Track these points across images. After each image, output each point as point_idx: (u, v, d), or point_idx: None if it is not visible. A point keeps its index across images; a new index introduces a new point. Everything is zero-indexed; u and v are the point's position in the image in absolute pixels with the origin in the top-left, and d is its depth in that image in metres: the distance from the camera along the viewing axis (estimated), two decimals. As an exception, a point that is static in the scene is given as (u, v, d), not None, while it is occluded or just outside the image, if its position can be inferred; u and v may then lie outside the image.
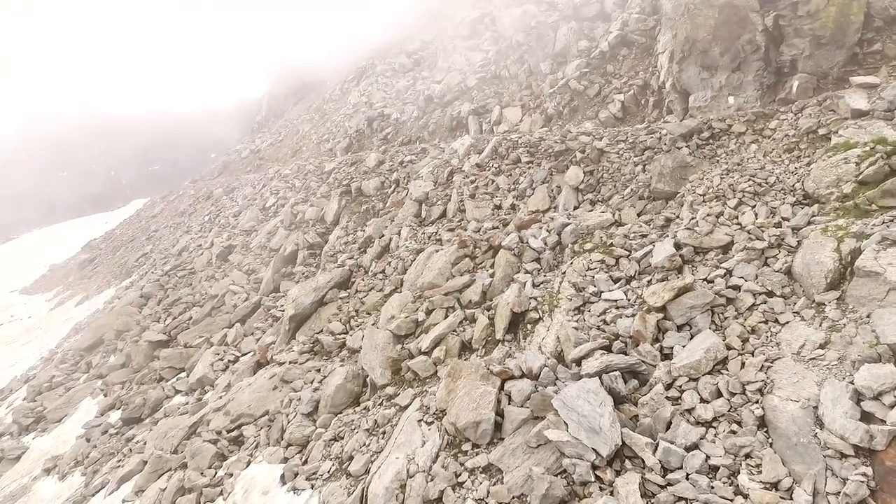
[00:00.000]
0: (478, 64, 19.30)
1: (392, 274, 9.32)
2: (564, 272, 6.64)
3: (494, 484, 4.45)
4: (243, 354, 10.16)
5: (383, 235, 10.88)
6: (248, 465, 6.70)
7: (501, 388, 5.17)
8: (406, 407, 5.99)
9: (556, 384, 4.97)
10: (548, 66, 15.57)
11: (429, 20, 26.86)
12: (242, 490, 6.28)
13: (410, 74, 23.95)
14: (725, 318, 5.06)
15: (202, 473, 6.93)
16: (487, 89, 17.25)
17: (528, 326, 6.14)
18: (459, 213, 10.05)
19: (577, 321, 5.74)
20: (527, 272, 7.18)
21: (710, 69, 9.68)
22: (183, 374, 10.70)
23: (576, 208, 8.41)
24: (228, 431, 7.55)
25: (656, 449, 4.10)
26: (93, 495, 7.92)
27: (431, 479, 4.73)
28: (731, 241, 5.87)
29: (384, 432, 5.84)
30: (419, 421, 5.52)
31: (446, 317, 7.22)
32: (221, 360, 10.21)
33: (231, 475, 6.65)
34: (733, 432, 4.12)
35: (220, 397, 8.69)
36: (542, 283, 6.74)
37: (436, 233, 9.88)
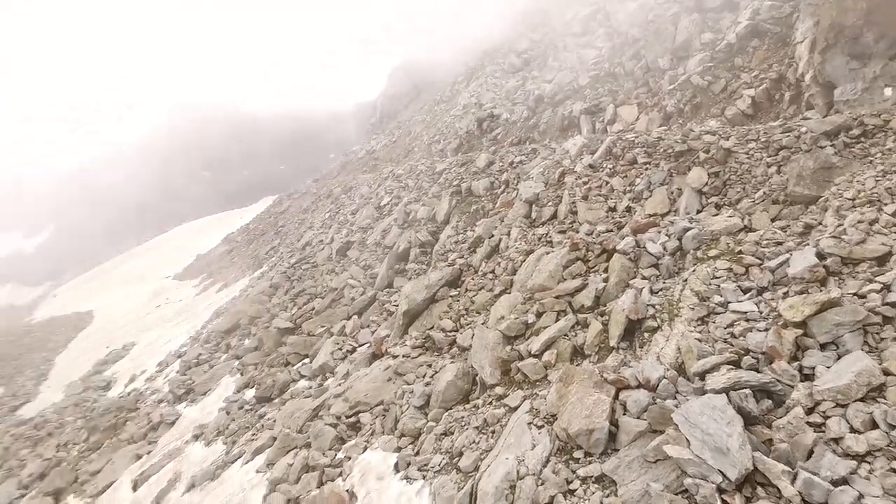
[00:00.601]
0: (590, 61, 18.79)
1: (501, 274, 9.42)
2: (686, 280, 6.34)
3: (608, 496, 4.39)
4: (360, 345, 10.81)
5: (493, 236, 11.01)
6: (364, 451, 7.15)
7: (616, 396, 5.07)
8: (516, 408, 6.07)
9: (675, 398, 4.78)
10: (667, 62, 14.81)
11: (539, 19, 26.55)
12: (359, 473, 6.71)
13: (520, 74, 23.85)
14: (882, 340, 4.52)
15: (324, 454, 7.50)
16: (600, 87, 16.76)
17: (645, 335, 5.95)
18: (571, 214, 9.91)
19: (700, 332, 5.47)
20: (644, 278, 6.94)
21: (862, 58, 8.69)
22: (307, 360, 11.59)
23: (699, 212, 7.97)
24: (347, 417, 8.08)
25: (795, 478, 3.80)
26: (232, 462, 8.88)
27: (542, 484, 4.77)
28: (888, 251, 5.26)
29: (493, 431, 5.96)
30: (529, 424, 5.57)
31: (557, 320, 7.19)
32: (340, 349, 10.94)
33: (349, 458, 7.13)
34: (893, 470, 3.62)
35: (340, 384, 9.32)
36: (660, 290, 6.48)
37: (546, 234, 9.82)
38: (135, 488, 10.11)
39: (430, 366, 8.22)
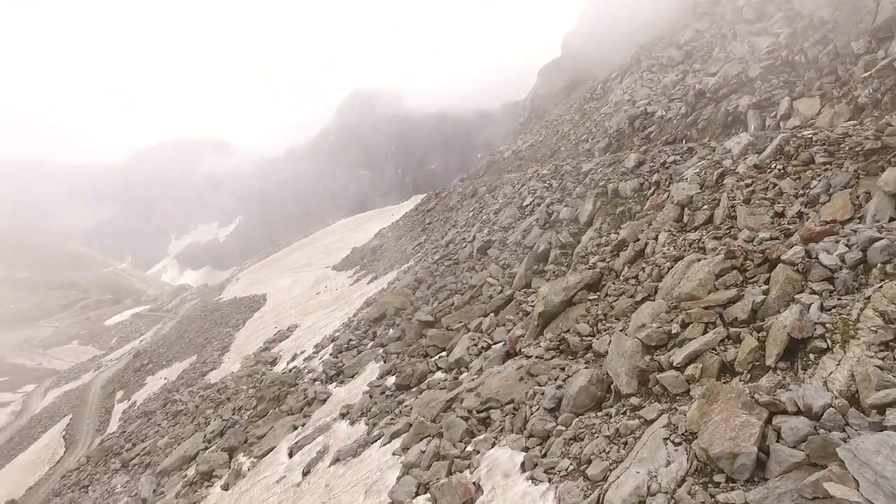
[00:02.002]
0: (764, 50, 16.91)
1: (645, 280, 8.90)
2: (868, 297, 5.45)
3: (750, 527, 3.97)
4: (495, 343, 10.95)
5: (638, 239, 10.44)
6: (492, 447, 7.24)
7: (768, 421, 4.55)
8: (651, 421, 5.72)
9: (844, 430, 4.16)
10: (862, 45, 12.79)
11: (705, 7, 24.48)
12: (487, 468, 6.82)
13: (679, 68, 22.23)
14: None
15: (454, 445, 7.73)
16: (774, 79, 15.00)
17: (811, 356, 5.25)
18: (729, 219, 9.04)
19: (882, 359, 4.68)
20: (813, 292, 6.11)
21: None
22: (444, 353, 12.02)
23: (891, 220, 6.80)
24: (478, 412, 8.24)
25: None
26: (372, 443, 9.54)
27: (675, 504, 4.46)
28: None
29: (625, 443, 5.68)
30: (665, 439, 5.22)
31: (705, 332, 6.62)
32: (476, 345, 11.18)
33: (478, 452, 7.27)
34: None
35: (473, 379, 9.52)
36: (833, 307, 5.66)
37: (699, 240, 9.08)
38: (290, 455, 11.33)
39: (563, 369, 8.06)
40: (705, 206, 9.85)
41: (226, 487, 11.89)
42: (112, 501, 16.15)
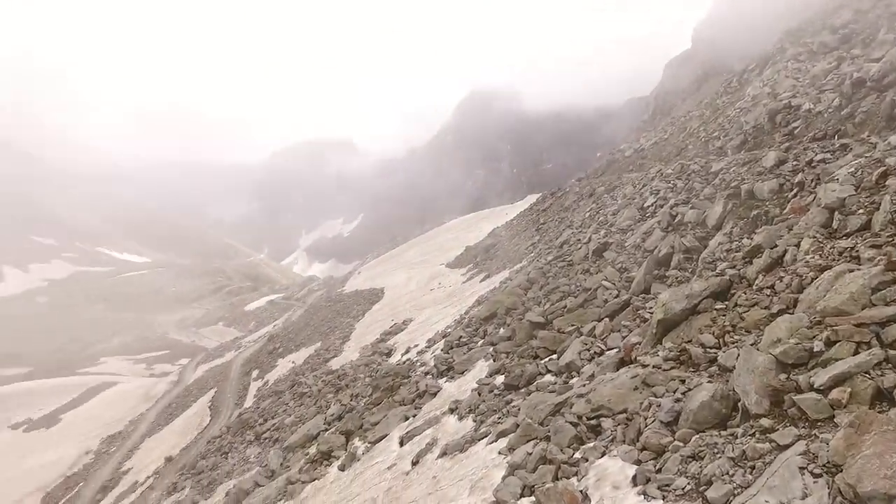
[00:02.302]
0: (947, 27, 14.50)
1: (783, 291, 8.07)
2: None
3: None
4: (609, 349, 10.54)
5: (776, 246, 9.48)
6: (602, 456, 6.99)
7: (933, 461, 3.93)
8: (785, 447, 5.18)
9: None
10: None
11: (871, -18, 21.54)
12: (595, 477, 6.60)
13: (833, 55, 19.77)
14: None
15: (562, 450, 7.57)
16: (960, 60, 12.83)
17: None
18: (891, 226, 7.90)
19: None
20: None
21: None
22: (554, 356, 11.81)
23: None
24: (588, 419, 8.00)
25: None
26: (479, 440, 9.64)
27: (810, 541, 4.00)
28: None
29: (753, 467, 5.20)
30: (801, 468, 4.71)
31: (856, 353, 5.86)
32: (588, 350, 10.84)
33: (586, 460, 7.06)
34: None
35: (584, 385, 9.25)
36: None
37: (852, 248, 8.05)
38: (401, 444, 11.79)
39: (682, 381, 7.56)
40: (861, 211, 8.70)
41: (342, 468, 12.66)
42: (246, 469, 17.88)
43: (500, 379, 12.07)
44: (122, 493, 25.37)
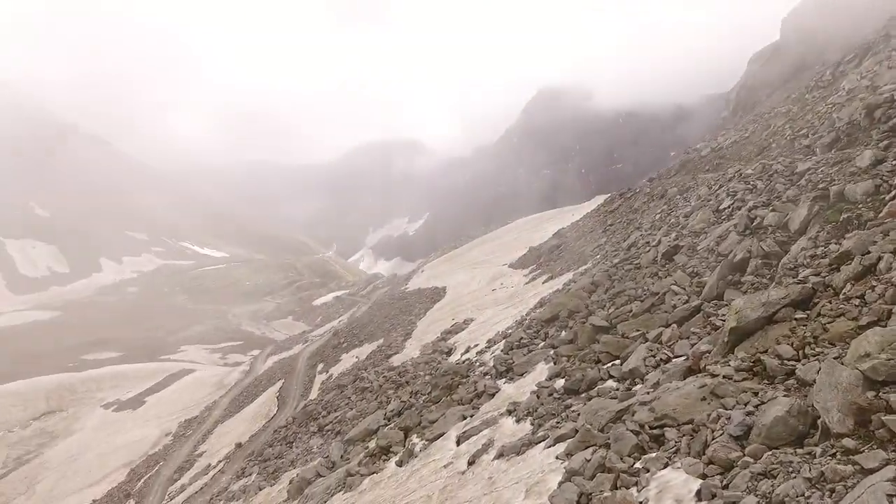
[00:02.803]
0: None
1: (875, 302, 7.40)
2: None
3: None
4: (675, 356, 10.07)
5: (868, 252, 8.69)
6: (665, 467, 6.67)
7: None
8: (871, 471, 4.72)
9: None
10: None
11: None
12: (656, 489, 6.31)
13: (945, 42, 17.92)
14: None
15: (622, 459, 7.30)
16: None
17: None
18: None
19: None
20: None
21: None
22: (617, 361, 11.41)
23: None
24: (651, 428, 7.67)
25: None
26: (536, 443, 9.47)
27: (898, 577, 3.62)
28: None
29: (832, 490, 4.78)
30: (890, 496, 4.28)
31: (959, 372, 5.27)
32: (653, 356, 10.39)
33: (647, 471, 6.76)
34: None
35: (648, 393, 8.89)
36: None
37: (958, 255, 7.26)
38: (458, 443, 11.78)
39: (755, 394, 7.09)
40: (971, 214, 7.83)
41: (400, 464, 12.82)
42: (309, 459, 18.49)
43: (560, 382, 11.81)
44: (196, 475, 26.94)
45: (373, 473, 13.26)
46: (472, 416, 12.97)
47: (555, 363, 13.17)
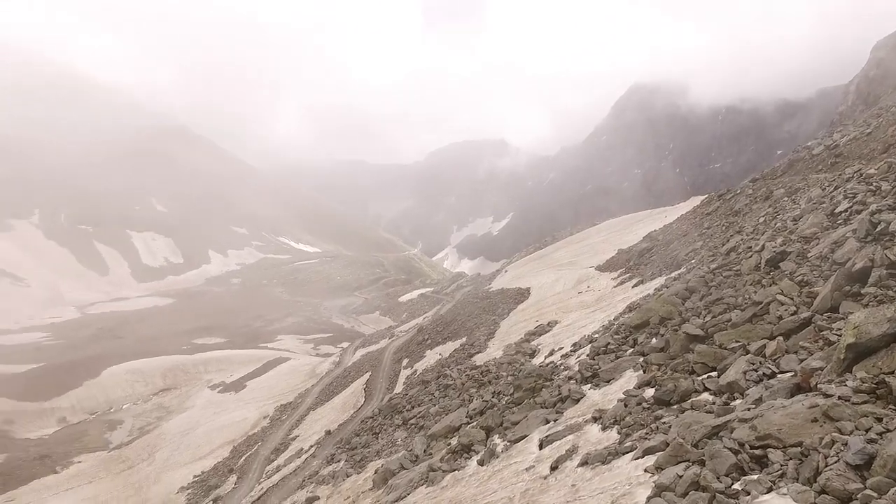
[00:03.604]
0: None
1: None
2: None
3: None
4: (781, 372, 9.33)
5: None
6: (768, 492, 6.22)
7: None
8: None
9: None
10: None
11: None
12: (760, 514, 5.90)
13: None
14: None
15: (718, 478, 6.88)
16: None
17: None
18: None
19: None
20: None
21: None
22: (713, 373, 10.77)
23: None
24: (752, 447, 7.17)
25: None
26: (623, 454, 9.15)
27: None
28: None
29: (973, 536, 4.24)
30: None
31: None
32: (755, 370, 9.69)
33: (747, 493, 6.33)
34: None
35: (748, 409, 8.30)
36: None
37: None
38: (540, 446, 11.64)
39: (878, 419, 6.43)
40: None
41: (481, 463, 12.87)
42: (393, 450, 19.03)
43: (649, 392, 11.33)
44: (289, 457, 28.58)
45: (454, 470, 13.41)
46: (555, 421, 12.76)
47: (644, 371, 12.65)
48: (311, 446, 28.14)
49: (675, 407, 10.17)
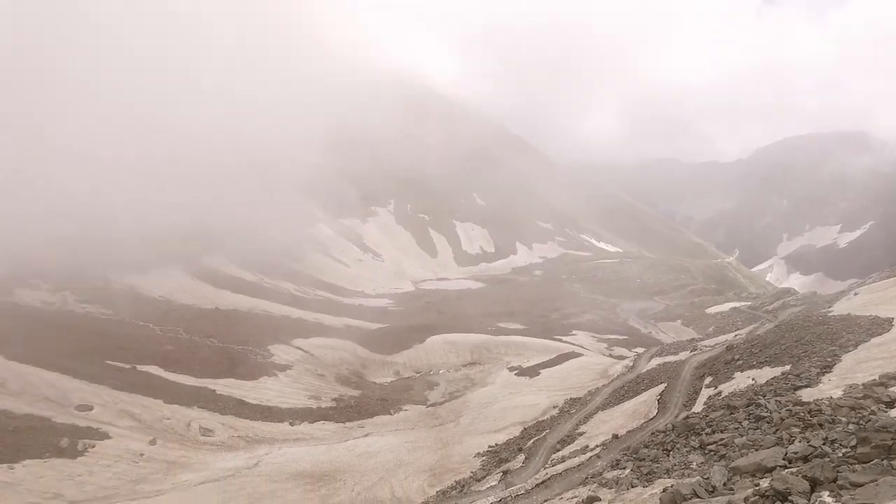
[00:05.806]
0: None
1: None
2: None
3: None
4: None
5: None
6: None
7: None
8: None
9: None
10: None
11: None
12: None
13: None
14: None
15: None
16: None
17: None
18: None
19: None
20: None
21: None
22: None
23: None
24: None
25: None
26: None
27: None
28: None
29: None
30: None
31: None
32: None
33: None
34: None
35: None
36: None
37: None
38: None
39: None
40: None
41: (801, 519, 10.76)
42: (685, 473, 17.50)
43: None
44: (574, 451, 29.04)
45: (766, 517, 11.52)
46: (921, 497, 9.74)
47: None
48: (597, 446, 27.98)
49: None
